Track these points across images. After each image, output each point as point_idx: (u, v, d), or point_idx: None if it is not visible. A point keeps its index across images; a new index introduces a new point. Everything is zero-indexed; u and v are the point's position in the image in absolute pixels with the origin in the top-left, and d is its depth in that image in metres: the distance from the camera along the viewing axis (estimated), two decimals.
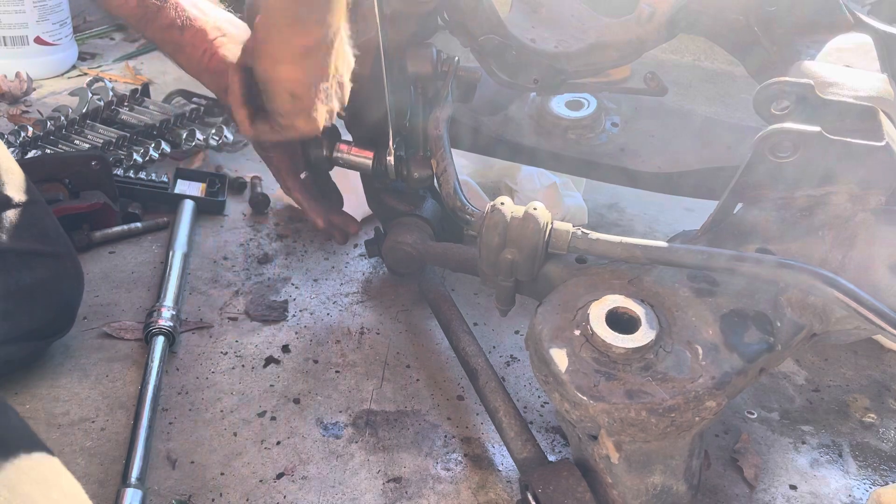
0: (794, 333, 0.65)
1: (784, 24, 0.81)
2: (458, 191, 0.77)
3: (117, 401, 0.84)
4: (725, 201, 0.70)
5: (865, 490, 0.79)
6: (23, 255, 0.78)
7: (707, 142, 0.91)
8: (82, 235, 1.06)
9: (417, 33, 0.84)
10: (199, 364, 0.90)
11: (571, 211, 1.14)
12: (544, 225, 0.68)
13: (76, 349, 0.90)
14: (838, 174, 0.66)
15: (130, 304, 0.98)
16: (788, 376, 0.95)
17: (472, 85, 0.89)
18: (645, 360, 0.60)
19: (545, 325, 0.64)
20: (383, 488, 0.76)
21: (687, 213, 1.25)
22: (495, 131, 0.95)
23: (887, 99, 0.70)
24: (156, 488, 0.75)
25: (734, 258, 0.63)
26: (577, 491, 0.63)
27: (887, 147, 0.63)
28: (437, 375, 0.91)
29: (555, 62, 0.84)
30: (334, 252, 1.12)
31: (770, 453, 0.83)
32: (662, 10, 0.81)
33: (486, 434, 0.83)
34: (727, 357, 0.61)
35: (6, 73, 1.48)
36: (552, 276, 0.71)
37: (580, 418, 0.60)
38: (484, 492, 0.77)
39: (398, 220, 0.95)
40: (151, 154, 1.25)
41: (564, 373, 0.60)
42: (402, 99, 0.86)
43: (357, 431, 0.83)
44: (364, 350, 0.95)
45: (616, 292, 0.65)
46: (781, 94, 0.68)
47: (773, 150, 0.65)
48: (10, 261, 0.77)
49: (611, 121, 0.96)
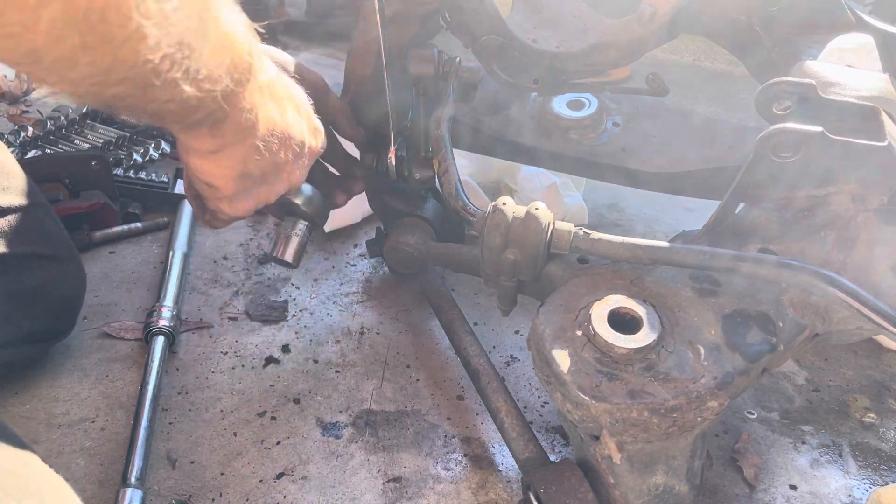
0: (796, 334, 0.64)
1: (785, 24, 0.80)
2: (459, 191, 0.77)
3: (117, 401, 0.84)
4: (727, 201, 0.70)
5: (865, 490, 0.79)
6: (24, 258, 0.78)
7: (708, 142, 0.91)
8: (82, 235, 1.06)
9: (419, 34, 0.84)
10: (199, 364, 0.90)
11: (571, 211, 1.14)
12: (546, 225, 0.68)
13: (76, 349, 0.90)
14: (840, 174, 0.66)
15: (130, 304, 0.98)
16: (788, 376, 0.94)
17: (474, 85, 0.89)
18: (647, 361, 0.60)
19: (547, 325, 0.64)
20: (383, 488, 0.76)
21: (687, 213, 1.25)
22: (496, 131, 0.95)
23: (889, 99, 0.70)
24: (156, 488, 0.74)
25: (736, 258, 0.63)
26: (580, 491, 0.63)
27: (889, 147, 0.63)
28: (438, 375, 0.91)
29: (556, 62, 0.84)
30: (334, 252, 1.12)
31: (770, 453, 0.83)
32: (664, 10, 0.81)
33: (486, 434, 0.83)
34: (729, 357, 0.61)
35: (6, 73, 1.48)
36: (554, 277, 0.71)
37: (582, 418, 0.60)
38: (484, 492, 0.77)
39: (400, 221, 0.95)
40: (151, 154, 1.25)
41: (566, 373, 0.60)
42: (404, 99, 0.86)
43: (357, 431, 0.83)
44: (364, 350, 0.94)
45: (618, 292, 0.65)
46: (783, 93, 0.68)
47: (774, 150, 0.65)
48: (12, 265, 0.76)
49: (612, 121, 0.96)
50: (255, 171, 0.56)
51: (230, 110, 0.48)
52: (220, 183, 0.55)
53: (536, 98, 0.98)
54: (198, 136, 0.50)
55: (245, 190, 0.58)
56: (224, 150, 0.52)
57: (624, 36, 0.83)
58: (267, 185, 0.60)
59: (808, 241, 0.67)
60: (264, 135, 0.54)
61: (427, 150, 0.87)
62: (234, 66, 0.45)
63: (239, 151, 0.53)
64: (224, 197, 0.57)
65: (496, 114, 0.97)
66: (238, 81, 0.46)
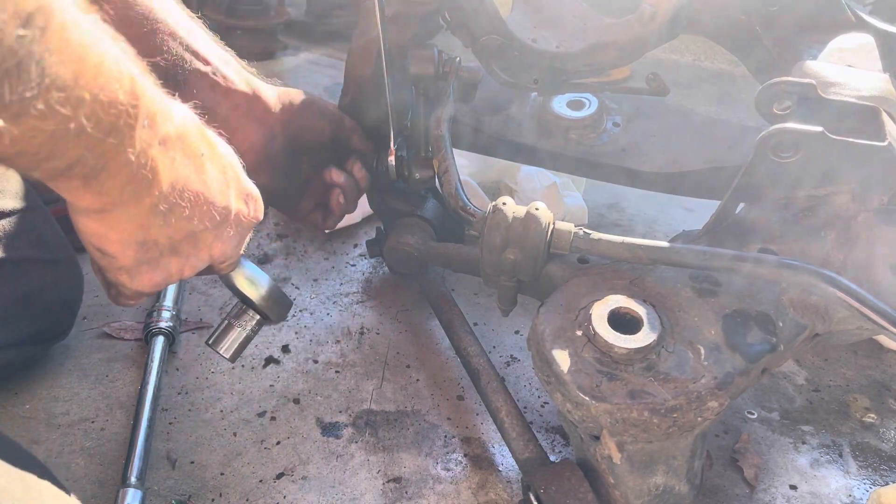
0: (796, 334, 0.64)
1: (786, 24, 0.80)
2: (459, 191, 0.77)
3: (117, 401, 0.84)
4: (727, 201, 0.70)
5: (865, 490, 0.79)
6: (20, 263, 0.78)
7: (708, 142, 0.91)
8: None
9: (419, 33, 0.84)
10: (199, 364, 0.90)
11: (571, 211, 1.14)
12: (546, 225, 0.68)
13: (76, 349, 0.90)
14: (840, 174, 0.66)
15: None
16: (788, 376, 0.94)
17: (474, 85, 0.89)
18: (647, 361, 0.60)
19: (547, 325, 0.64)
20: (383, 488, 0.76)
21: (688, 213, 1.25)
22: (496, 131, 0.95)
23: (889, 98, 0.70)
24: (156, 488, 0.74)
25: (736, 258, 0.63)
26: (580, 491, 0.63)
27: (889, 147, 0.63)
28: (438, 375, 0.91)
29: (556, 62, 0.84)
30: (334, 252, 1.12)
31: (770, 453, 0.83)
32: (664, 10, 0.81)
33: (486, 434, 0.83)
34: (729, 357, 0.61)
35: None
36: (554, 277, 0.71)
37: (582, 419, 0.60)
38: (484, 492, 0.77)
39: (400, 221, 0.95)
40: None
41: (566, 373, 0.60)
42: (404, 99, 0.86)
43: (357, 431, 0.83)
44: (364, 350, 0.94)
45: (618, 292, 0.65)
46: (783, 93, 0.68)
47: (775, 150, 0.65)
48: (7, 269, 0.76)
49: (612, 121, 0.96)
50: (160, 238, 0.47)
51: (108, 161, 0.39)
52: (114, 249, 0.46)
53: (536, 98, 0.98)
54: (70, 190, 0.41)
55: (149, 261, 0.48)
56: (113, 211, 0.43)
57: (624, 36, 0.83)
58: (179, 256, 0.50)
59: (808, 241, 0.67)
60: (168, 196, 0.45)
61: (427, 150, 0.87)
62: (96, 102, 0.36)
63: (133, 213, 0.44)
64: (122, 267, 0.48)
65: (496, 114, 0.97)
66: (110, 127, 0.38)
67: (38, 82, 0.33)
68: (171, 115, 0.43)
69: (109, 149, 0.39)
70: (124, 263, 0.47)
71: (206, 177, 0.48)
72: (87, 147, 0.37)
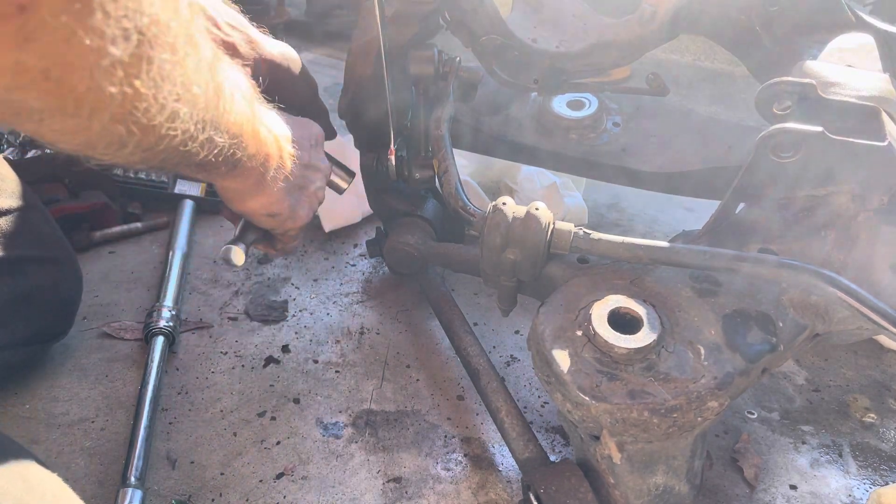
0: (796, 334, 0.64)
1: (785, 24, 0.80)
2: (459, 191, 0.77)
3: (117, 401, 0.84)
4: (727, 201, 0.70)
5: (865, 490, 0.79)
6: (18, 262, 0.78)
7: (708, 142, 0.91)
8: (82, 235, 1.05)
9: (419, 33, 0.84)
10: (199, 364, 0.90)
11: (571, 211, 1.14)
12: (546, 225, 0.68)
13: (76, 349, 0.90)
14: (840, 174, 0.66)
15: (130, 304, 0.98)
16: (789, 376, 0.94)
17: (474, 85, 0.89)
18: (647, 361, 0.60)
19: (547, 325, 0.64)
20: (383, 488, 0.76)
21: (687, 213, 1.25)
22: (496, 131, 0.95)
23: (889, 98, 0.70)
24: (156, 488, 0.74)
25: (736, 258, 0.63)
26: (580, 491, 0.63)
27: (890, 147, 0.63)
28: (437, 375, 0.91)
29: (556, 62, 0.84)
30: (334, 252, 1.12)
31: (770, 453, 0.83)
32: (664, 10, 0.81)
33: (486, 434, 0.83)
34: (729, 357, 0.61)
35: None
36: (554, 277, 0.71)
37: (582, 418, 0.60)
38: (484, 492, 0.77)
39: (400, 221, 0.95)
40: None
41: (567, 373, 0.60)
42: (404, 99, 0.86)
43: (357, 431, 0.83)
44: (364, 350, 0.94)
45: (618, 292, 0.65)
46: (783, 93, 0.68)
47: (775, 150, 0.65)
48: (5, 268, 0.76)
49: (612, 121, 0.96)
50: (291, 186, 0.64)
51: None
52: (278, 207, 0.64)
53: (536, 98, 0.98)
54: (238, 176, 0.56)
55: (297, 201, 0.66)
56: (263, 183, 0.59)
57: (624, 35, 0.83)
58: (305, 188, 0.68)
59: (809, 241, 0.67)
60: (284, 161, 0.62)
61: (427, 150, 0.87)
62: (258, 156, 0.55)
63: (269, 181, 0.60)
64: (287, 217, 0.66)
65: (496, 113, 0.97)
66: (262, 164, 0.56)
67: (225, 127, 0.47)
68: (289, 136, 0.61)
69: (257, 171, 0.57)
70: (286, 213, 0.65)
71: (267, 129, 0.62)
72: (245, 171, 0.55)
